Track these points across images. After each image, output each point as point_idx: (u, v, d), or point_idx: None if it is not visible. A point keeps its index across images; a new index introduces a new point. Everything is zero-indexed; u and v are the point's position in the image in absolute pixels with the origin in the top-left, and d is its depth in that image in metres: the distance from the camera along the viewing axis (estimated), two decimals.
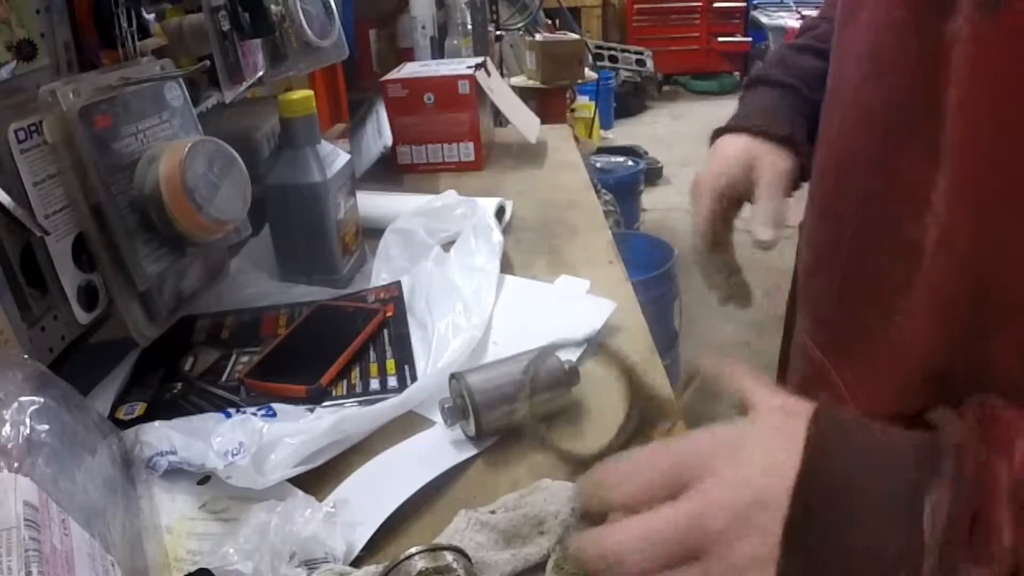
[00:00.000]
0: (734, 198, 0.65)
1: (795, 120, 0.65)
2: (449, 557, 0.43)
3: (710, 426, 0.40)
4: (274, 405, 0.63)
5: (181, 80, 0.74)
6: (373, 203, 1.01)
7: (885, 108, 0.48)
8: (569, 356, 0.65)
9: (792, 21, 5.25)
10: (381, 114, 1.53)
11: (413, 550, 0.43)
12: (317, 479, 0.56)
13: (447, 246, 0.87)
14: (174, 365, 0.71)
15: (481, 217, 0.89)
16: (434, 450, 0.60)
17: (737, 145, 0.65)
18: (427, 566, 0.42)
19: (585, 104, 3.26)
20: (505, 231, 1.02)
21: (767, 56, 0.76)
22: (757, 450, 0.38)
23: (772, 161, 0.63)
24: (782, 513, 0.35)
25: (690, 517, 0.36)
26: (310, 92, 0.83)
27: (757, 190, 0.62)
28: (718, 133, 0.69)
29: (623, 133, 4.75)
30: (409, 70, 1.27)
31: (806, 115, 0.65)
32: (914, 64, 0.44)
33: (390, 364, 0.70)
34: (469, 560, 0.44)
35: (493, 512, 0.50)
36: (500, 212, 1.03)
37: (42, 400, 0.47)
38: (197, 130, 0.75)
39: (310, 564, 0.47)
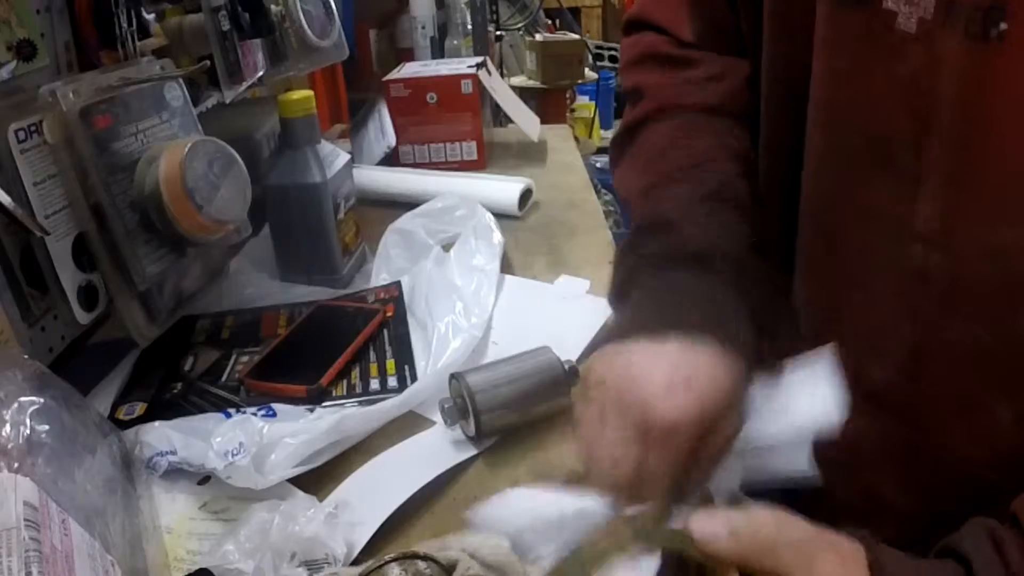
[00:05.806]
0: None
1: (722, 303, 0.47)
2: (422, 565, 0.43)
3: None
4: (274, 405, 0.63)
5: (181, 80, 0.74)
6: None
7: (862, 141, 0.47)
8: (569, 356, 0.65)
9: None
10: (383, 114, 1.52)
11: (387, 557, 0.42)
12: (317, 479, 0.56)
13: (447, 247, 0.87)
14: (174, 365, 0.71)
15: (481, 218, 0.89)
16: (434, 450, 0.60)
17: (662, 370, 0.43)
18: (402, 573, 0.42)
19: (585, 104, 3.24)
20: (528, 214, 1.05)
21: (632, 207, 0.56)
22: None
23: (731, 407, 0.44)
24: None
25: None
26: (310, 92, 0.83)
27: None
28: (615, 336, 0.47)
29: None
30: (410, 70, 1.27)
31: (724, 292, 0.47)
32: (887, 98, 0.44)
33: (390, 364, 0.70)
34: (444, 569, 0.44)
35: None
36: (526, 195, 1.05)
37: (42, 400, 0.47)
38: (197, 130, 0.75)
39: (311, 564, 0.47)
